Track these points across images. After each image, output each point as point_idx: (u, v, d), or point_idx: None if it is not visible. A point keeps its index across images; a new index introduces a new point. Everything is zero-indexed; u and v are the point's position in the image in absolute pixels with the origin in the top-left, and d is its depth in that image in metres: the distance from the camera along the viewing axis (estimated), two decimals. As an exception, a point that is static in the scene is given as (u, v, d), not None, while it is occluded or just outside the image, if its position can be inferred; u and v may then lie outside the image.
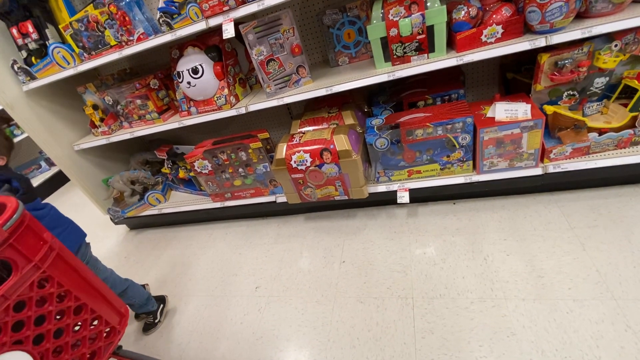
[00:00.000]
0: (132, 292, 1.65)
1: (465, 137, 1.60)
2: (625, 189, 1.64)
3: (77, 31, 1.87)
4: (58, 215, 1.37)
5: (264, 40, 1.62)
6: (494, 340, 1.25)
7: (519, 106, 1.51)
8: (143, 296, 1.72)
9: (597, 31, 1.29)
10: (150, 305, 1.75)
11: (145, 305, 1.73)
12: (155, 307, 1.77)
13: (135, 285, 1.69)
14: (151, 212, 2.48)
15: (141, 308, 1.72)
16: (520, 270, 1.46)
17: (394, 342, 1.36)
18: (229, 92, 1.83)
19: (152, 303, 1.76)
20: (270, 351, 1.49)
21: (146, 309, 1.74)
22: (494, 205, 1.81)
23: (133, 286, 1.67)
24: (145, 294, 1.73)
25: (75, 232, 1.42)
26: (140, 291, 1.71)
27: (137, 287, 1.71)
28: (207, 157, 2.03)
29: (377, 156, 1.78)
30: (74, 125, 2.38)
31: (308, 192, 1.86)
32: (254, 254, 2.05)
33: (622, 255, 1.38)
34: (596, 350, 1.14)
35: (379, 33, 1.50)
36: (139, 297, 1.69)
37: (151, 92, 2.06)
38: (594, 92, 1.53)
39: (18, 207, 0.81)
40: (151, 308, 1.76)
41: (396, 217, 1.95)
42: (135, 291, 1.68)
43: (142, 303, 1.71)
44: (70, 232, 1.39)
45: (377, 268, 1.69)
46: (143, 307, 1.72)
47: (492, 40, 1.43)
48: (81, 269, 0.98)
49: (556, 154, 1.58)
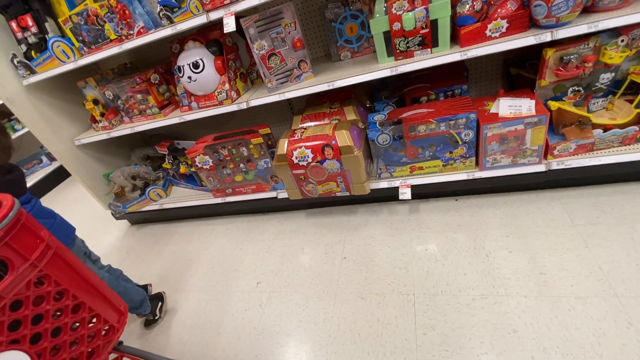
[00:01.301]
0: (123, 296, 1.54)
1: (469, 133, 1.59)
2: (629, 186, 1.62)
3: (77, 25, 1.86)
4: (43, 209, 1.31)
5: (266, 35, 1.61)
6: (495, 337, 1.25)
7: (523, 102, 1.49)
8: (136, 300, 1.67)
9: (603, 26, 1.26)
10: (143, 309, 1.71)
11: (137, 308, 1.69)
12: (147, 311, 1.73)
13: (128, 289, 1.64)
14: (152, 207, 2.47)
15: (133, 310, 1.68)
16: (522, 267, 1.45)
17: (395, 338, 1.36)
18: (230, 87, 1.82)
19: (146, 307, 1.72)
20: (271, 346, 1.49)
21: (137, 312, 1.71)
22: (496, 202, 1.80)
23: (125, 290, 1.63)
24: (139, 297, 1.68)
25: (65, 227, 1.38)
26: (132, 295, 1.66)
27: (131, 291, 1.66)
28: (208, 152, 2.02)
29: (379, 152, 1.77)
30: (74, 119, 2.37)
31: (309, 188, 1.85)
32: (255, 249, 2.05)
33: (625, 252, 1.38)
34: (598, 347, 1.14)
35: (382, 27, 1.48)
36: (130, 302, 1.62)
37: (152, 87, 2.04)
38: (600, 88, 1.51)
39: (14, 205, 0.79)
40: (143, 312, 1.72)
41: (398, 213, 1.94)
42: (128, 296, 1.63)
43: (134, 305, 1.66)
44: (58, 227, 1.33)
45: (379, 264, 1.68)
46: (134, 310, 1.68)
47: (497, 34, 1.41)
48: (79, 267, 0.98)
49: (560, 151, 1.57)
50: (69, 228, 1.41)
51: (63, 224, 1.38)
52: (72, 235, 1.43)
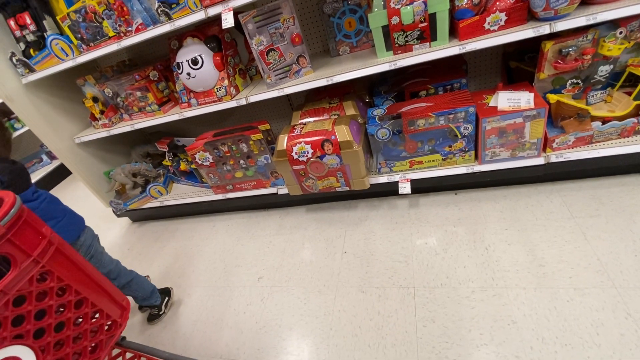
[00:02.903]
0: (136, 285, 1.66)
1: (468, 127, 1.59)
2: (628, 178, 1.63)
3: (75, 22, 1.85)
4: (51, 207, 1.32)
5: (264, 30, 1.60)
6: (495, 329, 1.27)
7: (522, 95, 1.50)
8: (147, 289, 1.72)
9: (602, 18, 1.26)
10: (154, 299, 1.76)
11: (149, 298, 1.73)
12: (158, 302, 1.78)
13: (140, 278, 1.70)
14: (153, 204, 2.48)
15: (144, 301, 1.73)
16: (521, 259, 1.46)
17: (395, 331, 1.37)
18: (229, 83, 1.82)
19: (156, 297, 1.77)
20: (273, 340, 1.51)
21: (149, 302, 1.75)
22: (495, 195, 1.81)
23: (138, 278, 1.68)
24: (149, 287, 1.74)
25: (72, 224, 1.39)
26: (144, 284, 1.72)
27: (142, 280, 1.72)
28: (208, 149, 2.02)
29: (379, 147, 1.77)
30: (74, 117, 2.38)
31: (309, 184, 1.86)
32: (256, 245, 2.06)
33: (623, 244, 1.39)
34: (596, 337, 1.15)
35: (381, 21, 1.48)
36: (142, 291, 1.70)
37: (151, 84, 2.04)
38: (598, 81, 1.51)
39: (15, 202, 0.80)
40: (154, 302, 1.76)
41: (398, 207, 1.95)
42: (140, 284, 1.69)
43: (145, 296, 1.72)
44: (65, 224, 1.34)
45: (379, 258, 1.70)
46: (146, 300, 1.73)
47: (496, 27, 1.41)
48: (81, 262, 0.99)
49: (559, 144, 1.57)
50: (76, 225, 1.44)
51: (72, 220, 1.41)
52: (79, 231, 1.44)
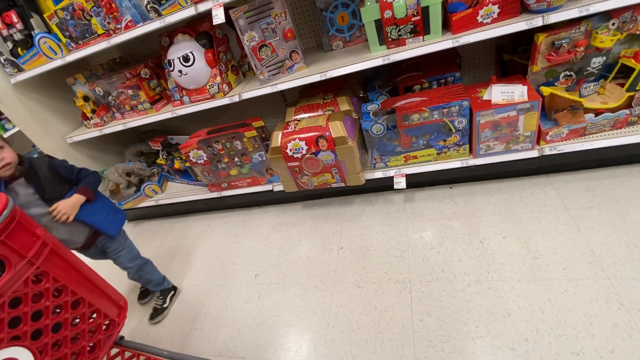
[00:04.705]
0: (151, 268, 1.78)
1: (462, 120, 1.59)
2: (620, 170, 1.64)
3: (63, 20, 1.82)
4: None
5: (256, 26, 1.58)
6: (490, 321, 1.28)
7: (516, 88, 1.50)
8: (160, 274, 1.83)
9: (594, 9, 1.26)
10: (167, 283, 1.85)
11: (162, 283, 1.83)
12: (170, 285, 1.87)
13: (153, 264, 1.82)
14: (148, 203, 2.47)
15: (158, 285, 1.81)
16: (516, 252, 1.47)
17: (392, 325, 1.38)
18: (221, 80, 1.80)
19: (168, 282, 1.87)
20: (270, 337, 1.51)
21: (162, 287, 1.83)
22: (490, 188, 1.81)
23: (151, 263, 1.81)
24: (161, 274, 1.84)
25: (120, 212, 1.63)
26: (157, 270, 1.83)
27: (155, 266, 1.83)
28: (202, 147, 2.01)
29: (374, 142, 1.77)
30: (65, 117, 2.35)
31: (305, 180, 1.85)
32: (253, 242, 2.06)
33: (616, 235, 1.40)
34: (590, 328, 1.16)
35: (373, 15, 1.47)
36: (157, 274, 1.81)
37: (142, 82, 2.02)
38: (591, 72, 1.51)
39: (7, 204, 0.79)
40: (167, 285, 1.85)
41: (393, 202, 1.95)
42: (154, 268, 1.81)
43: (159, 280, 1.81)
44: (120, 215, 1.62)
45: (375, 253, 1.70)
46: (160, 285, 1.82)
47: (489, 20, 1.40)
48: (77, 263, 0.98)
49: (552, 136, 1.58)
50: None
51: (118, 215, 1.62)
52: None
